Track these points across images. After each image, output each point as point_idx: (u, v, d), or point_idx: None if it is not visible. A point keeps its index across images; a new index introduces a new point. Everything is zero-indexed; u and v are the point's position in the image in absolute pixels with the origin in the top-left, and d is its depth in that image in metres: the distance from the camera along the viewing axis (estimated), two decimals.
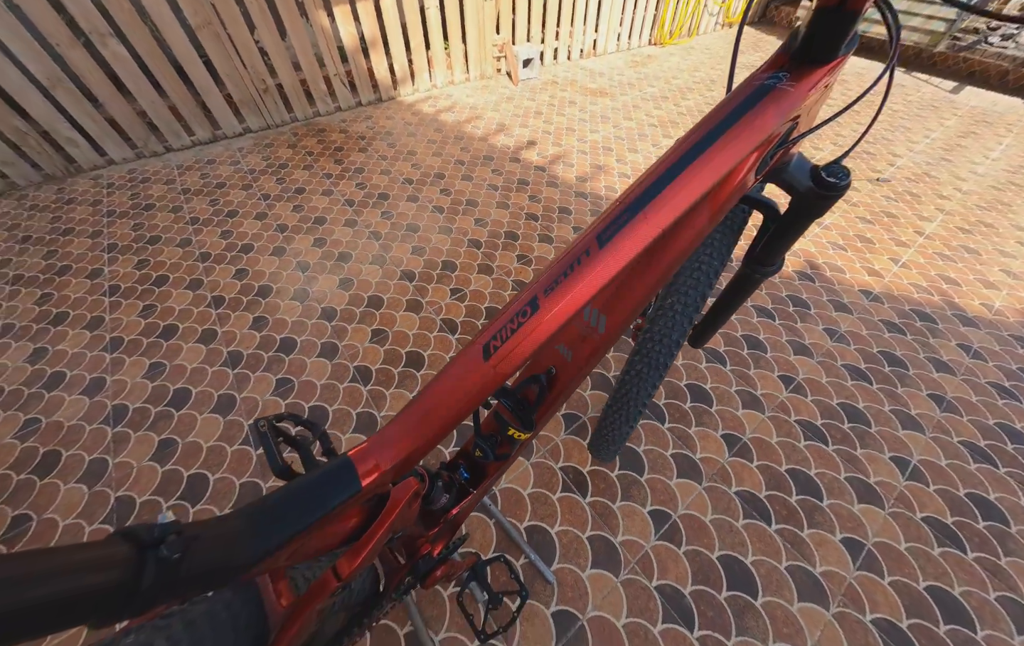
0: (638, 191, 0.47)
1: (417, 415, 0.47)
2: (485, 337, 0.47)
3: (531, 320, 0.46)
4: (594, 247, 0.46)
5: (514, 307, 0.47)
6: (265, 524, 0.37)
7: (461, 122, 2.98)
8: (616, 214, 0.47)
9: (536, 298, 0.46)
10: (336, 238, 1.99)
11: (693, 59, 4.22)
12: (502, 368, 0.46)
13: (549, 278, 0.47)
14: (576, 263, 0.46)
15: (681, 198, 0.46)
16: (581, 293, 0.46)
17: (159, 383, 1.41)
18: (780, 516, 1.16)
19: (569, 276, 0.46)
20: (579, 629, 0.99)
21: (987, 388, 1.48)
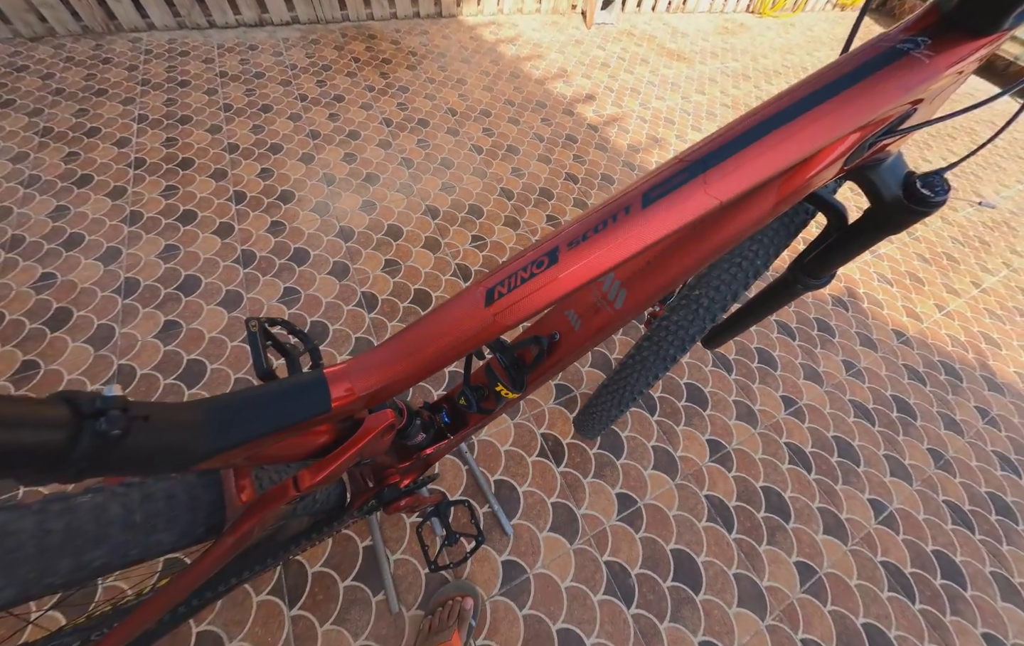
0: (703, 150, 0.39)
1: (403, 347, 0.44)
2: (490, 281, 0.42)
3: (545, 273, 0.40)
4: (636, 205, 0.39)
5: (529, 255, 0.41)
6: (222, 421, 0.36)
7: (520, 58, 2.76)
8: (671, 173, 0.39)
9: (557, 249, 0.40)
10: (367, 157, 1.91)
11: (789, 39, 3.75)
12: (502, 319, 0.41)
13: (577, 230, 0.40)
14: (611, 219, 0.40)
15: (755, 168, 0.38)
16: (609, 255, 0.39)
17: (171, 266, 1.41)
18: (743, 527, 1.18)
19: (600, 233, 0.39)
20: (524, 581, 1.03)
21: (990, 456, 1.45)
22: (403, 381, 0.44)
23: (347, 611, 0.95)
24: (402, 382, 0.44)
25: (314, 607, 0.95)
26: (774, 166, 0.38)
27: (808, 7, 4.34)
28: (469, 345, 0.43)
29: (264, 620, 0.92)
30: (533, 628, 0.98)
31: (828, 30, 4.05)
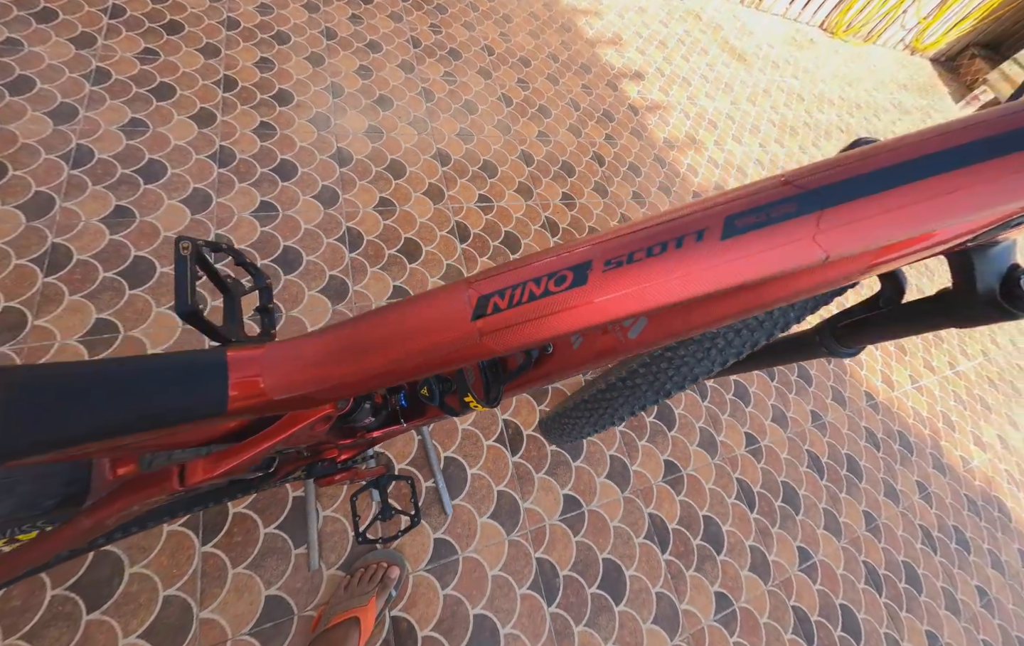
0: (821, 178, 0.28)
1: (351, 342, 0.32)
2: (486, 285, 0.30)
3: (567, 294, 0.28)
4: (714, 232, 0.28)
5: (546, 263, 0.29)
6: (32, 407, 0.25)
7: (576, 10, 2.44)
8: (771, 197, 0.28)
9: (588, 266, 0.29)
10: (384, 76, 1.67)
11: (853, 70, 3.42)
12: (490, 342, 0.30)
13: (618, 247, 0.29)
14: (674, 243, 0.29)
15: (887, 223, 0.27)
16: (663, 291, 0.28)
17: (135, 143, 1.21)
18: (676, 550, 1.18)
19: (655, 258, 0.28)
20: (453, 561, 1.00)
21: (916, 528, 1.50)
22: (341, 388, 0.33)
23: (264, 558, 0.89)
24: (339, 389, 0.33)
25: (229, 547, 0.88)
26: (912, 226, 0.26)
27: (880, 40, 3.94)
28: (441, 363, 0.32)
29: (172, 551, 0.85)
30: (451, 608, 0.95)
31: (892, 72, 3.71)
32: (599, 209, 1.69)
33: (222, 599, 0.84)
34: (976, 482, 1.73)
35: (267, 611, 0.85)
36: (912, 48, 4.11)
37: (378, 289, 1.23)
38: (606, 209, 1.70)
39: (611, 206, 1.72)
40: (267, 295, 0.48)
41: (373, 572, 0.92)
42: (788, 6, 3.45)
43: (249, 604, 0.85)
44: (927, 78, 3.92)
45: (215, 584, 0.85)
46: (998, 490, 1.76)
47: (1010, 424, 2.00)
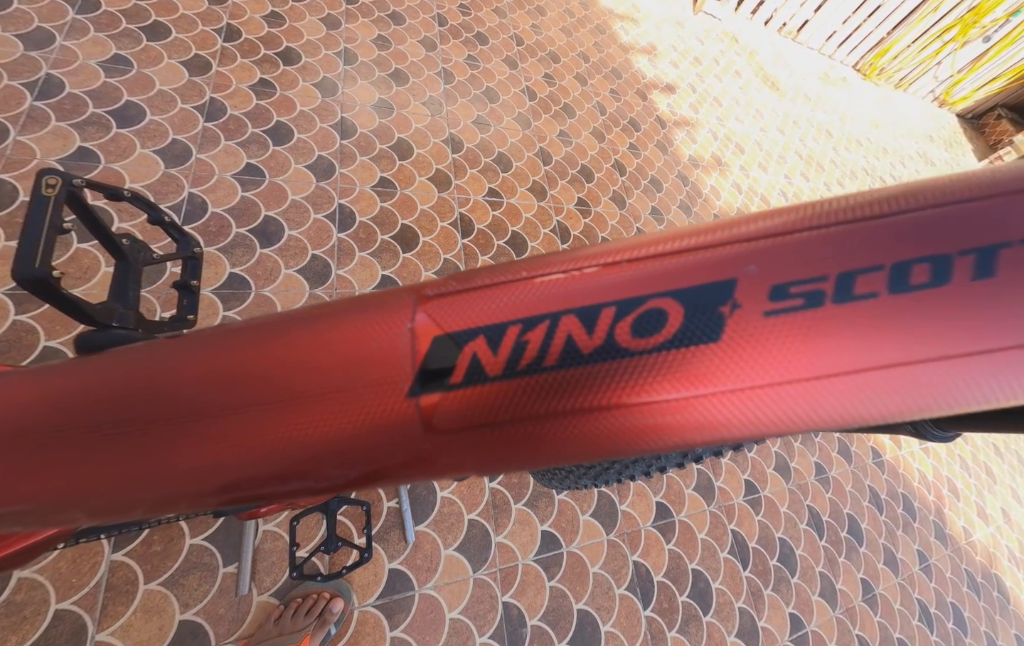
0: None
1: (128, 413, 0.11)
2: (447, 313, 0.11)
3: (672, 358, 0.09)
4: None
5: (609, 268, 0.10)
6: None
7: (613, 13, 2.15)
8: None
9: (730, 292, 0.09)
10: (403, 50, 1.43)
11: (881, 113, 3.07)
12: (447, 447, 0.10)
13: (822, 252, 0.09)
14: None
15: None
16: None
17: (114, 81, 0.99)
18: (659, 606, 0.97)
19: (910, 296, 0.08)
20: (408, 598, 0.80)
21: (913, 602, 1.27)
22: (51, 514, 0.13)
23: (185, 574, 0.69)
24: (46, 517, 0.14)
25: (145, 558, 0.68)
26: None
27: (911, 88, 3.56)
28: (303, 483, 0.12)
29: (74, 557, 0.65)
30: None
31: (920, 122, 3.34)
32: (615, 220, 1.44)
33: (126, 620, 0.65)
34: (977, 557, 1.48)
35: (178, 639, 0.66)
36: (941, 101, 3.72)
37: (364, 276, 1.01)
38: (622, 221, 1.45)
39: (627, 219, 1.47)
40: (193, 268, 0.34)
41: (312, 604, 0.71)
42: (824, 42, 3.09)
43: (158, 628, 0.65)
44: (952, 132, 3.55)
45: (120, 601, 0.65)
46: (998, 567, 1.51)
47: (1014, 497, 1.74)
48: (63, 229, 0.24)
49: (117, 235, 0.28)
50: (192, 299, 0.34)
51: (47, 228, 0.23)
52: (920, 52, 3.22)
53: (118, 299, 0.28)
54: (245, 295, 0.89)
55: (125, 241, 0.29)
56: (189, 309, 0.34)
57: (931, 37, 3.11)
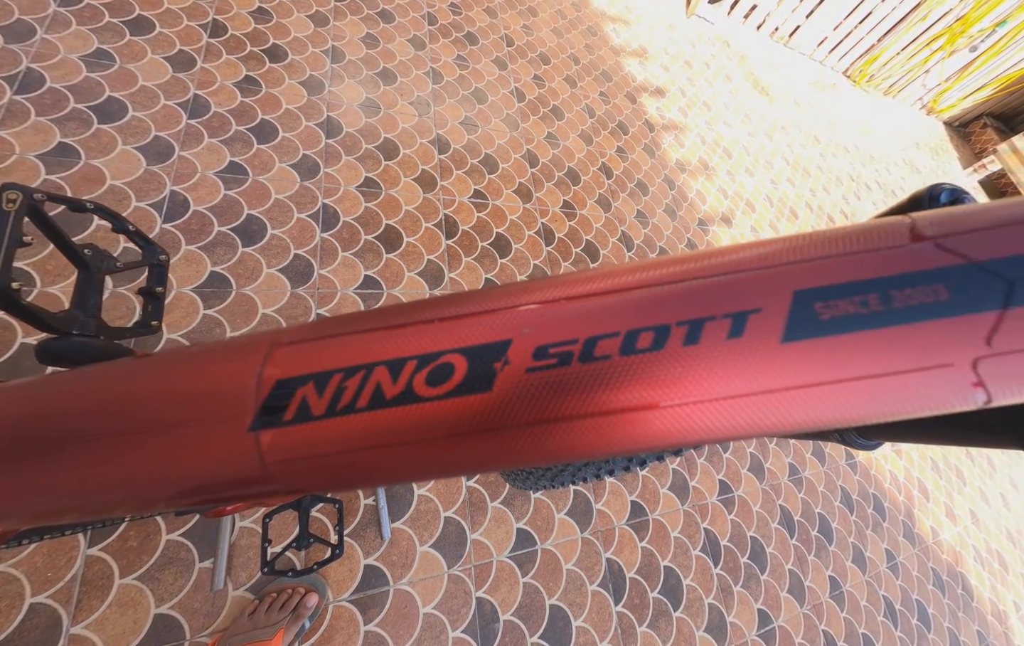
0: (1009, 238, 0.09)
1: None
2: (291, 360, 0.12)
3: (449, 406, 0.11)
4: (772, 324, 0.10)
5: (419, 330, 0.12)
6: None
7: (605, 15, 2.13)
8: (886, 263, 0.10)
9: (503, 352, 0.11)
10: (391, 49, 1.41)
11: (870, 120, 3.08)
12: (281, 472, 0.12)
13: (575, 319, 0.11)
14: (723, 328, 0.10)
15: None
16: (676, 424, 0.10)
17: (96, 76, 0.97)
18: (631, 602, 0.98)
19: (659, 354, 0.10)
20: (382, 593, 0.80)
21: (879, 599, 1.29)
22: None
23: (160, 569, 0.69)
24: None
25: (121, 553, 0.68)
26: None
27: (900, 95, 3.57)
28: (163, 499, 0.14)
29: (50, 551, 0.65)
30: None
31: (907, 129, 3.35)
32: (600, 223, 1.44)
33: (101, 613, 0.65)
34: (944, 556, 1.52)
35: (153, 633, 0.66)
36: (929, 108, 3.73)
37: (347, 277, 1.00)
38: (607, 223, 1.45)
39: (612, 221, 1.47)
40: (159, 275, 0.34)
41: (287, 599, 0.72)
42: (816, 48, 3.08)
43: (133, 622, 0.66)
44: (939, 140, 3.56)
45: (95, 595, 0.65)
46: (964, 566, 1.54)
47: (982, 498, 1.77)
48: (23, 242, 0.25)
49: (79, 245, 0.29)
50: (157, 305, 0.35)
51: (7, 242, 0.23)
52: (909, 60, 3.22)
53: (79, 307, 0.29)
54: (226, 294, 0.89)
55: (87, 251, 0.30)
56: (153, 315, 0.34)
57: (920, 45, 3.11)
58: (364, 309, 0.18)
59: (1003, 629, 1.47)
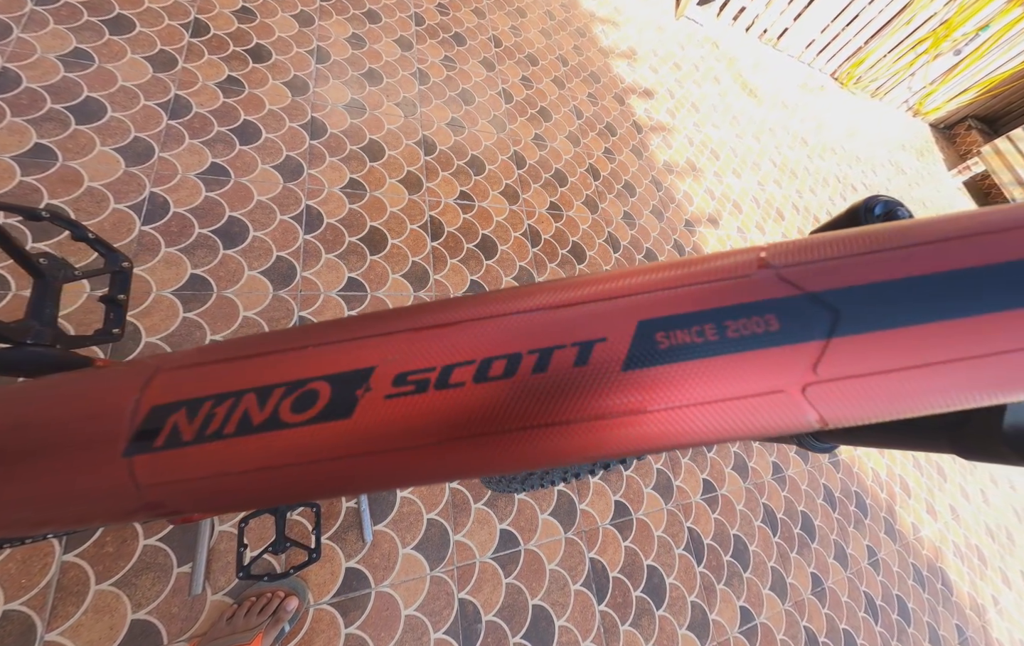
0: (839, 271, 0.10)
1: None
2: (170, 386, 0.13)
3: (310, 433, 0.11)
4: (614, 354, 0.11)
5: (283, 359, 0.12)
6: None
7: (595, 17, 2.14)
8: (730, 292, 0.10)
9: (365, 380, 0.11)
10: (378, 50, 1.41)
11: (857, 121, 3.13)
12: (155, 497, 0.12)
13: (428, 351, 0.11)
14: (535, 364, 0.11)
15: (962, 377, 0.10)
16: (505, 452, 0.11)
17: (74, 76, 0.96)
18: (614, 600, 0.99)
19: (498, 383, 0.11)
20: (364, 596, 0.81)
21: (861, 595, 1.31)
22: None
23: (138, 575, 0.69)
24: None
25: (97, 558, 0.68)
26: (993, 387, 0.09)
27: (886, 98, 3.63)
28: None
29: (24, 558, 0.65)
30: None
31: (894, 131, 3.41)
32: (587, 224, 1.45)
33: (76, 620, 0.65)
34: (924, 551, 1.55)
35: (130, 638, 0.66)
36: (915, 111, 3.79)
37: (330, 278, 1.00)
38: (594, 225, 1.47)
39: (599, 223, 1.48)
40: (122, 282, 0.34)
41: (266, 603, 0.72)
42: (803, 50, 3.12)
43: (109, 628, 0.66)
44: (924, 142, 3.63)
45: (71, 601, 0.65)
46: (943, 561, 1.58)
47: (962, 495, 1.81)
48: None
49: (34, 254, 0.29)
50: (119, 312, 0.35)
51: None
52: (895, 63, 3.27)
53: (35, 316, 0.29)
54: (207, 297, 0.88)
55: (42, 260, 0.30)
56: (115, 323, 0.34)
57: (905, 49, 3.16)
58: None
59: (981, 623, 1.51)
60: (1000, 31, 3.13)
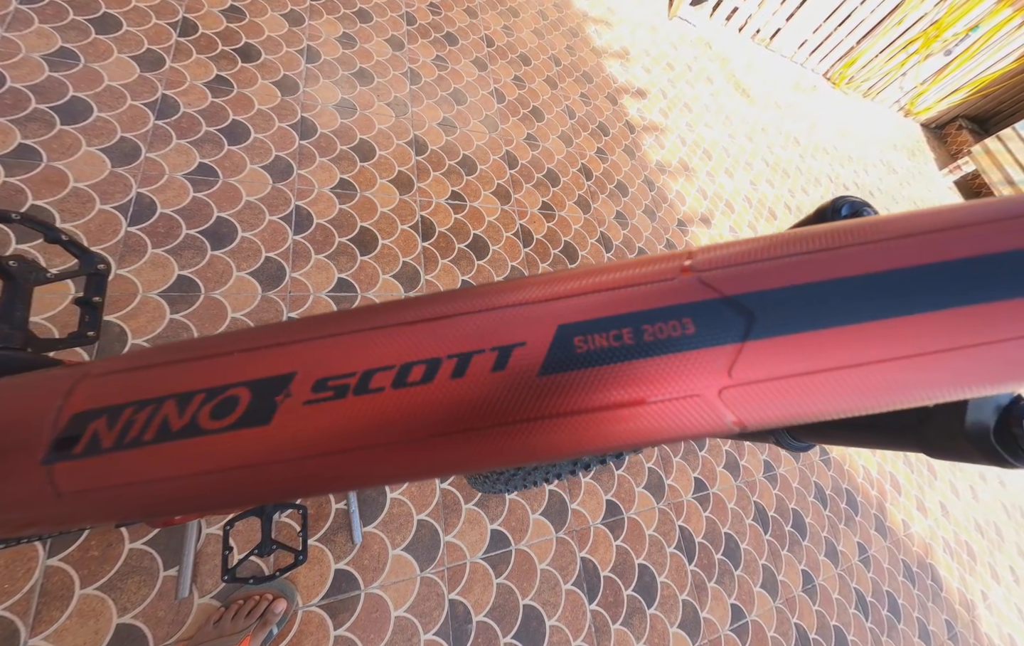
0: (757, 274, 0.10)
1: None
2: (91, 393, 0.12)
3: (230, 439, 0.11)
4: (532, 359, 0.11)
5: (209, 364, 0.12)
6: None
7: (587, 17, 2.16)
8: (652, 296, 0.10)
9: (286, 385, 0.11)
10: (368, 49, 1.41)
11: (849, 122, 3.17)
12: (76, 505, 0.12)
13: (350, 356, 0.11)
14: (455, 367, 0.11)
15: (877, 379, 0.10)
16: (408, 461, 0.11)
17: (59, 76, 0.96)
18: (605, 600, 0.99)
19: (409, 390, 0.11)
20: (353, 597, 0.81)
21: (851, 591, 1.32)
22: None
23: (123, 578, 0.69)
24: None
25: (82, 563, 0.68)
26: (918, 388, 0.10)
27: (878, 98, 3.67)
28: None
29: (8, 562, 0.65)
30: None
31: (886, 131, 3.46)
32: (579, 224, 1.46)
33: (60, 624, 0.64)
34: (914, 548, 1.57)
35: (115, 642, 0.66)
36: (906, 111, 3.84)
37: (319, 279, 1.00)
38: (586, 225, 1.48)
39: (591, 223, 1.49)
40: (97, 284, 0.33)
41: (253, 606, 0.72)
42: (796, 51, 3.16)
43: (94, 632, 0.65)
44: (916, 142, 3.67)
45: (55, 606, 0.65)
46: (933, 557, 1.60)
47: (952, 491, 1.84)
48: None
49: (3, 256, 0.29)
50: (94, 315, 0.34)
51: None
52: (886, 63, 3.32)
53: (4, 320, 0.29)
54: (194, 298, 0.88)
55: (12, 263, 0.30)
56: (90, 326, 0.34)
57: (896, 49, 3.20)
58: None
59: (971, 618, 1.53)
60: (990, 31, 3.18)
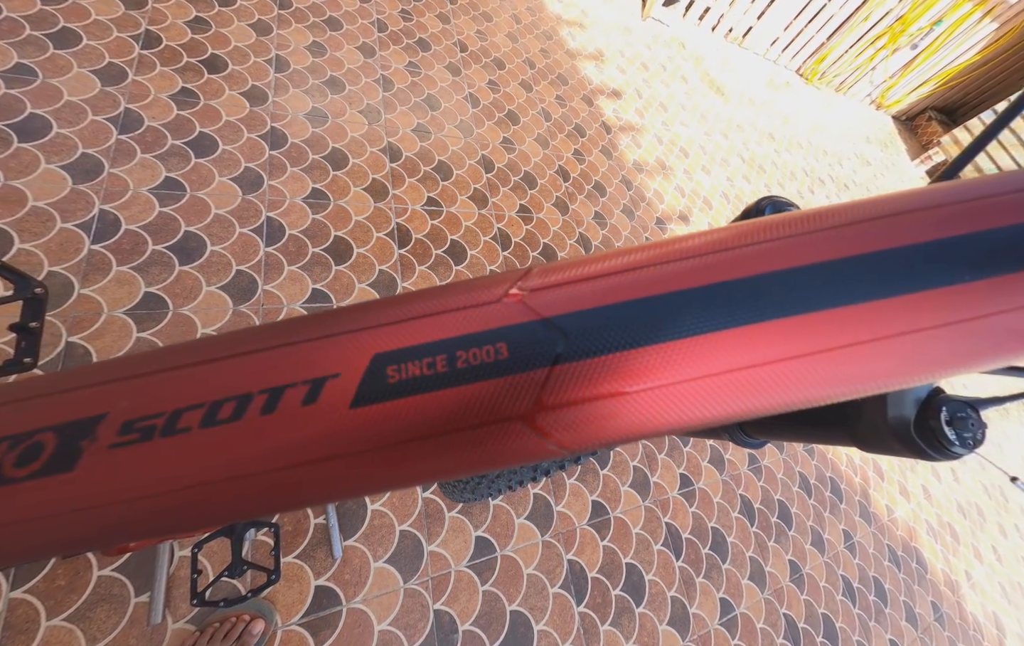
0: (567, 292, 0.10)
1: None
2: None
3: (25, 490, 0.11)
4: (341, 393, 0.11)
5: (20, 409, 0.11)
6: None
7: (560, 19, 2.21)
8: (469, 322, 0.11)
9: (92, 429, 0.11)
10: (339, 57, 1.43)
11: (822, 117, 3.29)
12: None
13: (159, 397, 0.11)
14: (261, 405, 0.11)
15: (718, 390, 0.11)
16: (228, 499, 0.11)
17: (15, 93, 0.95)
18: (593, 601, 1.01)
19: (203, 433, 0.11)
20: (335, 614, 0.81)
21: (839, 579, 1.36)
22: None
23: (92, 608, 0.68)
24: None
25: (48, 593, 0.67)
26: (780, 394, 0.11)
27: (850, 92, 3.83)
28: None
29: None
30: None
31: (858, 124, 3.60)
32: (557, 226, 1.49)
33: None
34: (898, 532, 1.63)
35: None
36: (877, 104, 4.01)
37: (293, 291, 1.01)
38: (564, 226, 1.51)
39: (570, 224, 1.53)
40: (35, 309, 0.33)
41: (230, 628, 0.71)
42: (768, 48, 3.28)
43: None
44: (888, 134, 3.83)
45: (20, 641, 0.64)
46: (917, 540, 1.66)
47: (934, 475, 1.91)
48: None
49: None
50: (32, 341, 0.34)
51: None
52: (856, 58, 3.46)
53: None
54: (162, 315, 0.88)
55: None
56: (27, 352, 0.33)
57: (865, 44, 3.35)
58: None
59: (956, 599, 1.59)
60: (953, 25, 3.35)
